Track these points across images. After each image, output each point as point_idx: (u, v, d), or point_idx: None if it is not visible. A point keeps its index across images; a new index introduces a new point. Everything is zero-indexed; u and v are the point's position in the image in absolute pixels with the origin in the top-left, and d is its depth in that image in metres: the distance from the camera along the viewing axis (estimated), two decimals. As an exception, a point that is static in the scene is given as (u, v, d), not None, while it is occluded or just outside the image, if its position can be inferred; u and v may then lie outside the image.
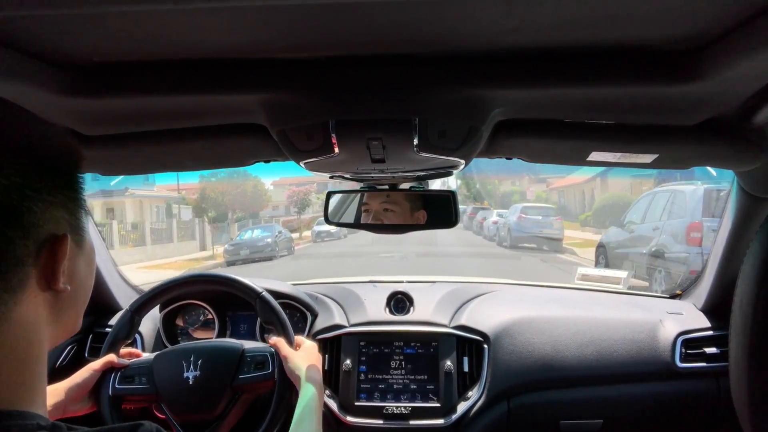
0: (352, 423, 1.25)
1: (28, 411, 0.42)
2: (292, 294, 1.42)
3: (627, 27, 0.60)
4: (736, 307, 0.93)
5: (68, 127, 0.87)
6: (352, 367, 1.29)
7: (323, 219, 1.27)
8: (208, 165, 1.15)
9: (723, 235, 1.28)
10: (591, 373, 1.31)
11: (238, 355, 1.08)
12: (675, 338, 1.32)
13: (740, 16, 0.56)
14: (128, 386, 1.05)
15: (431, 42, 0.65)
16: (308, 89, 0.73)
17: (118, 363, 1.06)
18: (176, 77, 0.72)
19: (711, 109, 0.80)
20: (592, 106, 0.81)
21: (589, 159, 0.97)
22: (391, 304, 1.41)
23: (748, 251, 0.90)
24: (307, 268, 10.11)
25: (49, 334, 0.46)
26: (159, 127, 0.91)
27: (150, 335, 1.43)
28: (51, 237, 0.44)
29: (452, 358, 1.29)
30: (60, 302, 0.46)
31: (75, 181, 0.47)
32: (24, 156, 0.42)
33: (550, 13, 0.56)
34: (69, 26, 0.57)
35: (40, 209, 0.43)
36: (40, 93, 0.69)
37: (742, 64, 0.62)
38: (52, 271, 0.44)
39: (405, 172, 0.98)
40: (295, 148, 0.83)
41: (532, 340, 1.33)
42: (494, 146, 0.95)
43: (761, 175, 1.04)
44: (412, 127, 0.74)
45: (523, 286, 1.70)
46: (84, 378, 1.01)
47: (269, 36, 0.62)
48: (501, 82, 0.71)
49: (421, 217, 1.23)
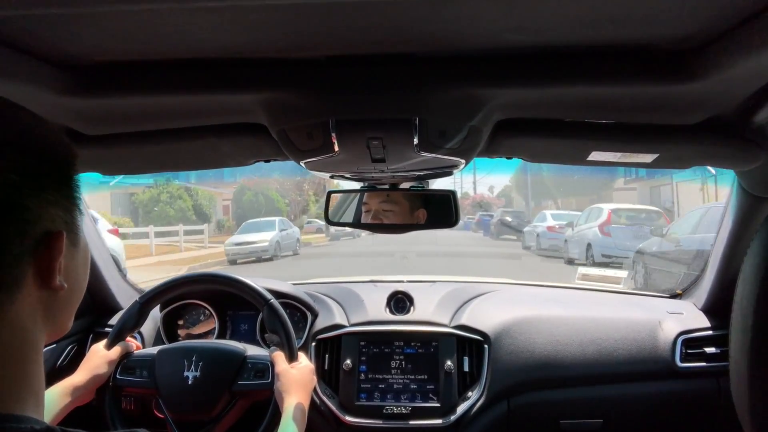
0: (351, 423, 1.25)
1: (22, 414, 0.41)
2: (292, 294, 1.42)
3: (627, 27, 0.60)
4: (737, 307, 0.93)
5: (68, 127, 0.87)
6: (352, 366, 1.29)
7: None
8: (208, 165, 1.15)
9: (723, 235, 1.28)
10: (591, 373, 1.31)
11: (239, 360, 1.08)
12: (675, 338, 1.32)
13: (740, 16, 0.56)
14: (129, 377, 1.07)
15: (431, 41, 0.65)
16: (308, 89, 0.73)
17: (130, 349, 1.12)
18: (176, 77, 0.72)
19: (711, 109, 0.80)
20: (592, 105, 0.81)
21: (589, 159, 0.97)
22: (391, 304, 1.41)
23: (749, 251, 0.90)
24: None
25: (43, 333, 0.46)
26: (159, 127, 0.91)
27: (150, 335, 1.43)
28: (47, 234, 0.43)
29: (452, 358, 1.29)
30: (55, 301, 0.46)
31: (71, 179, 0.47)
32: (20, 153, 0.42)
33: (550, 13, 0.56)
34: (69, 26, 0.57)
35: (37, 207, 0.43)
36: (40, 93, 0.69)
37: (742, 63, 0.62)
38: (48, 268, 0.43)
39: (405, 172, 0.98)
40: (295, 147, 0.83)
41: (532, 339, 1.33)
42: (494, 146, 0.95)
43: (761, 174, 1.04)
44: (413, 126, 0.74)
45: (523, 285, 1.70)
46: (103, 369, 1.06)
47: (269, 35, 0.62)
48: (501, 82, 0.71)
49: (421, 216, 1.23)
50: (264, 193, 19.22)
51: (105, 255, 1.49)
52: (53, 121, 0.81)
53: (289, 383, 1.01)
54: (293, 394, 0.99)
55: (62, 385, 1.00)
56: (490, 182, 27.31)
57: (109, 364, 1.07)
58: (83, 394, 1.01)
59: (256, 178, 18.94)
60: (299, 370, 1.06)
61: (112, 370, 1.07)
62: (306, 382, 1.04)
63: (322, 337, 1.35)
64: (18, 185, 0.41)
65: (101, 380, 1.05)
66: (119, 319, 1.13)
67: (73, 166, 0.48)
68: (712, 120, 0.84)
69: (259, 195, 19.11)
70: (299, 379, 1.03)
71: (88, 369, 1.04)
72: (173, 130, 0.92)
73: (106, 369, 1.06)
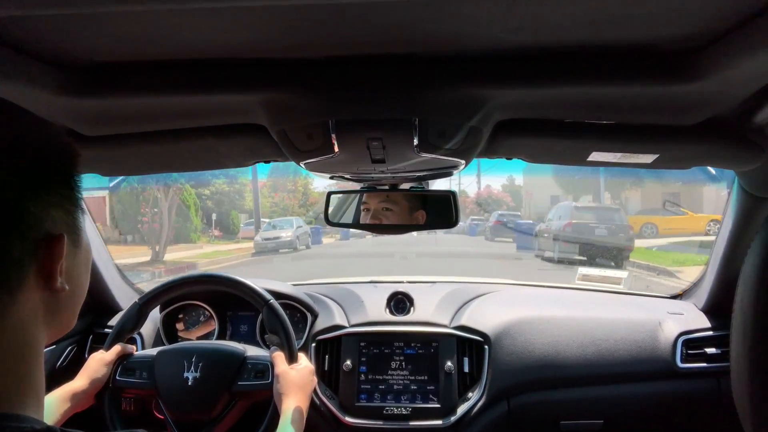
0: (351, 423, 1.25)
1: (23, 414, 0.41)
2: (292, 294, 1.41)
3: (627, 27, 0.60)
4: (737, 307, 0.93)
5: (68, 127, 0.87)
6: (352, 367, 1.29)
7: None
8: (208, 165, 1.15)
9: (724, 235, 1.28)
10: (592, 373, 1.30)
11: (239, 361, 1.08)
12: (676, 338, 1.32)
13: (740, 16, 0.56)
14: (129, 378, 1.07)
15: (431, 42, 0.65)
16: (308, 89, 0.73)
17: (127, 351, 1.11)
18: (176, 77, 0.72)
19: (711, 109, 0.80)
20: (592, 105, 0.80)
21: (589, 159, 0.97)
22: (391, 305, 1.41)
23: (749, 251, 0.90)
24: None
25: (44, 334, 0.46)
26: (159, 127, 0.91)
27: (150, 335, 1.43)
28: (48, 236, 0.43)
29: (452, 359, 1.29)
30: (56, 302, 0.46)
31: (72, 180, 0.47)
32: (21, 155, 0.42)
33: (550, 13, 0.56)
34: (69, 26, 0.57)
35: (38, 209, 0.43)
36: (40, 93, 0.69)
37: (742, 64, 0.62)
38: (49, 270, 0.44)
39: (405, 173, 0.98)
40: (295, 148, 0.83)
41: (532, 340, 1.32)
42: (494, 146, 0.95)
43: (761, 174, 1.04)
44: (413, 127, 0.74)
45: (523, 286, 1.70)
46: (101, 373, 1.05)
47: (269, 36, 0.62)
48: (501, 82, 0.71)
49: (420, 216, 1.23)
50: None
51: (105, 255, 1.49)
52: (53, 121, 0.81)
53: (288, 385, 1.01)
54: (292, 396, 0.99)
55: (61, 390, 0.99)
56: (500, 179, 26.93)
57: (107, 367, 1.06)
58: (83, 400, 1.01)
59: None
60: (299, 371, 1.05)
61: (110, 372, 1.07)
62: (305, 384, 1.04)
63: (322, 337, 1.35)
64: (19, 187, 0.41)
65: (100, 384, 1.05)
66: (118, 320, 1.13)
67: (75, 166, 0.48)
68: (713, 120, 0.84)
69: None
70: (298, 380, 1.03)
71: (86, 374, 1.04)
72: (173, 131, 0.92)
73: (104, 372, 1.06)
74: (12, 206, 0.41)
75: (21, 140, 0.43)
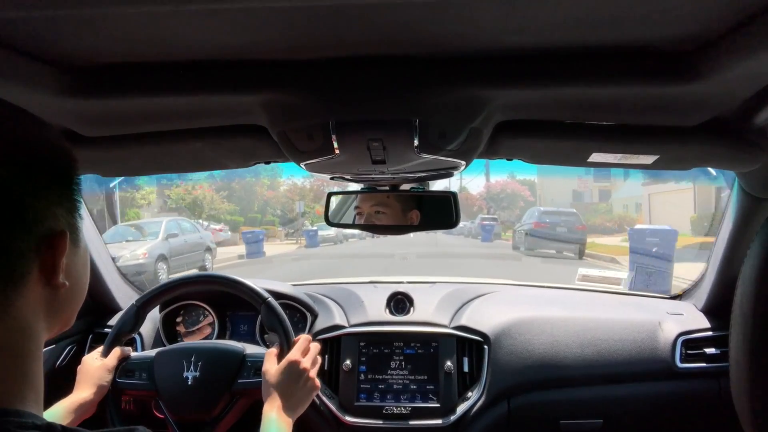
0: (351, 423, 1.25)
1: (23, 410, 0.42)
2: (292, 294, 1.42)
3: (627, 27, 0.60)
4: (737, 308, 0.93)
5: (68, 128, 0.86)
6: (352, 367, 1.29)
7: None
8: (208, 166, 1.15)
9: (723, 236, 1.28)
10: (591, 373, 1.31)
11: (239, 359, 1.08)
12: (675, 339, 1.32)
13: (740, 16, 0.56)
14: (128, 380, 1.06)
15: (432, 43, 0.65)
16: (308, 90, 0.72)
17: (125, 353, 1.10)
18: (176, 78, 0.72)
19: (711, 110, 0.80)
20: (592, 106, 0.80)
21: (589, 160, 0.97)
22: (391, 305, 1.41)
23: (749, 252, 0.90)
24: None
25: (45, 331, 0.47)
26: (159, 128, 0.91)
27: (149, 336, 1.43)
28: (51, 233, 0.44)
29: (452, 359, 1.29)
30: (57, 299, 0.46)
31: (72, 181, 0.48)
32: (23, 154, 0.43)
33: (550, 14, 0.56)
34: (69, 27, 0.57)
35: (41, 205, 0.44)
36: (40, 94, 0.69)
37: (742, 64, 0.62)
38: (51, 266, 0.44)
39: (405, 173, 0.98)
40: (295, 149, 0.83)
41: (532, 340, 1.33)
42: (495, 147, 0.95)
43: (762, 175, 1.04)
44: (413, 128, 0.74)
45: (523, 286, 1.70)
46: (105, 380, 1.04)
47: (269, 37, 0.62)
48: (502, 83, 0.71)
49: (414, 217, 1.23)
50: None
51: (105, 256, 1.49)
52: (52, 122, 0.81)
53: (268, 387, 0.94)
54: (273, 400, 0.92)
55: (67, 402, 0.97)
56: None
57: (110, 372, 1.05)
58: (88, 409, 0.99)
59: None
60: (286, 369, 0.97)
61: (113, 373, 1.06)
62: (293, 381, 0.95)
63: (322, 337, 1.35)
64: (21, 183, 0.42)
65: (105, 390, 1.03)
66: (116, 323, 1.12)
67: (74, 169, 0.49)
68: (713, 121, 0.84)
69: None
70: (283, 380, 0.94)
71: (90, 383, 1.02)
72: (173, 132, 0.92)
73: (108, 378, 1.04)
74: (16, 201, 0.42)
75: (21, 139, 0.44)
